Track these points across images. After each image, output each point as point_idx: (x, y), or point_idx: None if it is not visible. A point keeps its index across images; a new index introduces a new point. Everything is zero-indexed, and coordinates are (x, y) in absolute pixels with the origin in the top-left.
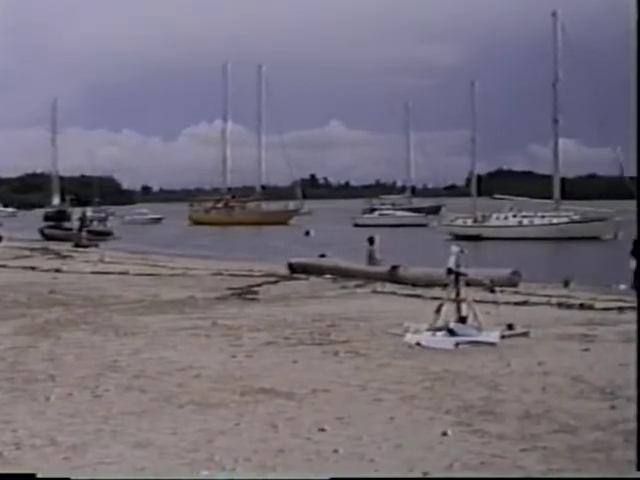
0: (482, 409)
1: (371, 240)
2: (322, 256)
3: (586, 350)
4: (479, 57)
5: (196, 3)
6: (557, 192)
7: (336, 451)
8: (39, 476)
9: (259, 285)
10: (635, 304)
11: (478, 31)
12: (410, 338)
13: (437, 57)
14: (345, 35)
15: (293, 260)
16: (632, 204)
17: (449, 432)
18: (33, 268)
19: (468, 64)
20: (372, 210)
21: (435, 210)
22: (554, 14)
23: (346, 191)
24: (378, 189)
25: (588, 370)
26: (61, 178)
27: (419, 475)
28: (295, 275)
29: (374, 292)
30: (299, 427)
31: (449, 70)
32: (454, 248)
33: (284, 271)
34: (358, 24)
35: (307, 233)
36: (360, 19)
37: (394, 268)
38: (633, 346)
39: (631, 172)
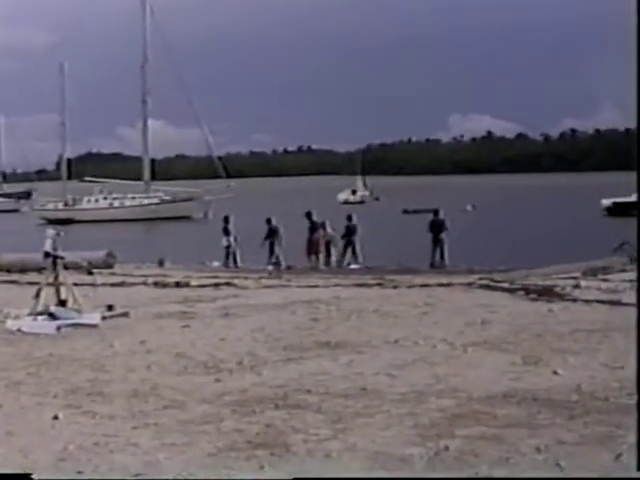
0: (90, 391)
1: None
2: None
3: (186, 327)
4: (68, 41)
5: None
6: (147, 173)
7: None
8: (35, 476)
9: None
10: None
11: (67, 13)
12: (11, 324)
13: (23, 40)
14: None
15: None
16: (221, 183)
17: (60, 416)
18: None
19: (57, 47)
20: None
21: (26, 195)
22: None
23: None
24: None
25: (190, 346)
26: None
27: None
28: None
29: None
30: None
31: (37, 53)
32: (50, 231)
33: None
34: None
35: None
36: None
37: None
38: (230, 321)
39: (219, 152)
